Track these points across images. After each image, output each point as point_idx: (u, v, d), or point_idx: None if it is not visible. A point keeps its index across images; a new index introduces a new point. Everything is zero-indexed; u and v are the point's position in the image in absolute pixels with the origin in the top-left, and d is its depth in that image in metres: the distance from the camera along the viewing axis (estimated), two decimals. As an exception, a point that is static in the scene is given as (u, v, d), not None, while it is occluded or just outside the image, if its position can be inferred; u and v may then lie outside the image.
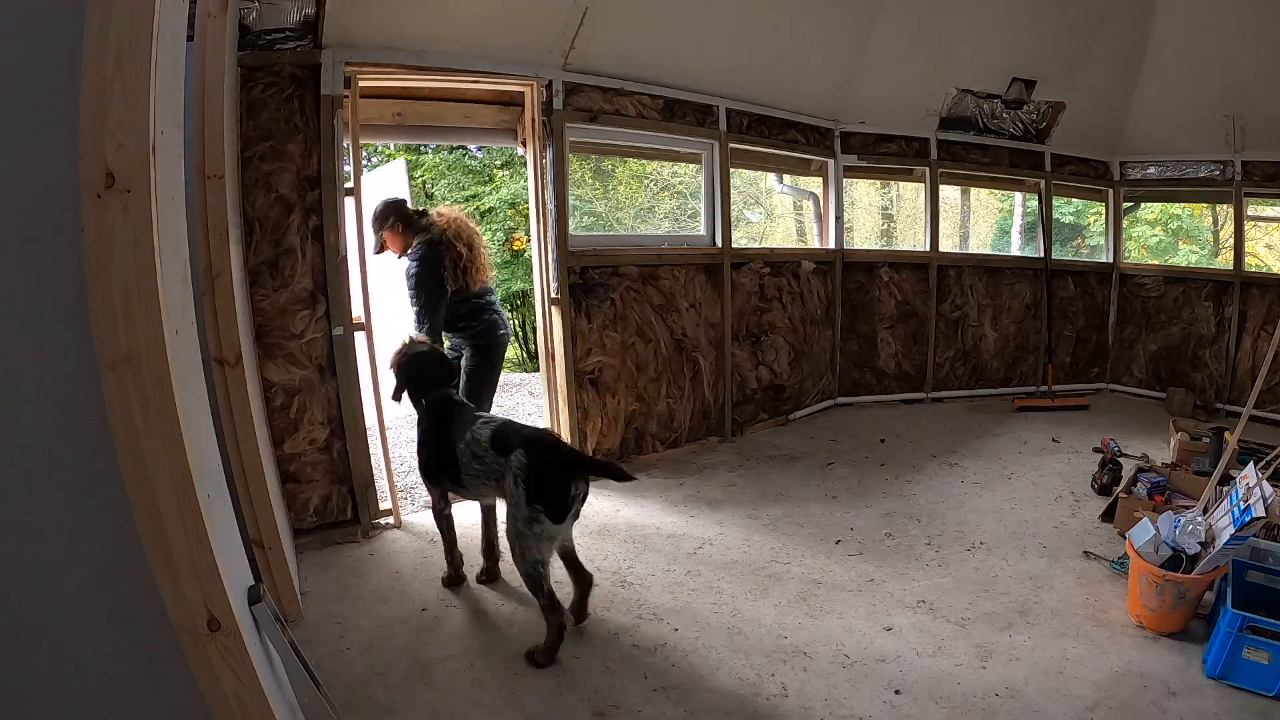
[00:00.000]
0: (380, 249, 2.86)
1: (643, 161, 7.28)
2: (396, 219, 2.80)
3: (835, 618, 2.22)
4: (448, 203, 8.05)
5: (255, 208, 2.47)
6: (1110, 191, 4.97)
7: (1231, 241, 4.74)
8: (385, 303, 3.00)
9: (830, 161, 4.33)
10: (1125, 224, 5.19)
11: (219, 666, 1.03)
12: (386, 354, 2.46)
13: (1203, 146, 4.48)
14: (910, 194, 7.79)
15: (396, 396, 2.33)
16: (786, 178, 4.60)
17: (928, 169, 4.54)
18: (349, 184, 2.65)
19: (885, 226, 8.87)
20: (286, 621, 2.13)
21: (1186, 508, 2.70)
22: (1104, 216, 5.23)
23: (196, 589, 1.00)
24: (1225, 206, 5.65)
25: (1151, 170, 4.83)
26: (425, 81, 3.10)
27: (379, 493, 2.87)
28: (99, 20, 0.91)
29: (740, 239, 6.99)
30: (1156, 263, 6.52)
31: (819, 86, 4.02)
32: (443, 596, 2.35)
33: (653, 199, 8.51)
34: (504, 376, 7.13)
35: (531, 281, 3.52)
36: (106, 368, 0.93)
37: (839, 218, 4.43)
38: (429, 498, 2.46)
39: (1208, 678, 1.88)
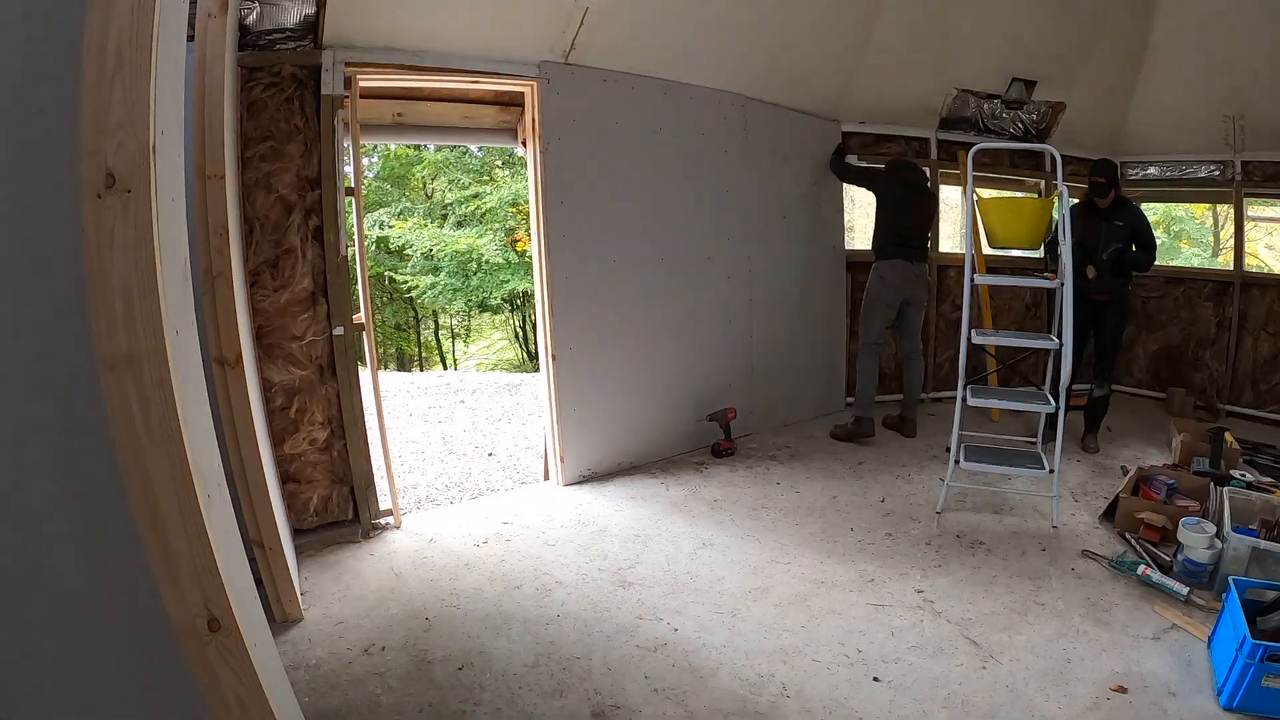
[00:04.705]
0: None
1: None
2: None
3: (835, 617, 2.22)
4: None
5: (255, 208, 2.47)
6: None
7: (1232, 242, 4.74)
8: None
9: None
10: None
11: (219, 666, 1.03)
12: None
13: (1203, 147, 4.47)
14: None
15: None
16: (787, 178, 4.61)
17: (928, 169, 4.53)
18: (349, 184, 2.65)
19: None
20: (287, 621, 2.14)
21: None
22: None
23: (196, 589, 1.00)
24: (1225, 207, 5.65)
25: (1152, 170, 4.82)
26: (425, 82, 3.10)
27: (379, 493, 2.88)
28: (99, 20, 0.91)
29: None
30: (1157, 263, 6.51)
31: (819, 87, 4.02)
32: (442, 596, 2.35)
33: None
34: (504, 376, 7.17)
35: (532, 281, 3.52)
36: (106, 368, 0.93)
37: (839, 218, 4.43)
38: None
39: (1224, 709, 1.80)
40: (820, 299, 4.30)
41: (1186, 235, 8.26)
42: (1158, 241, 3.77)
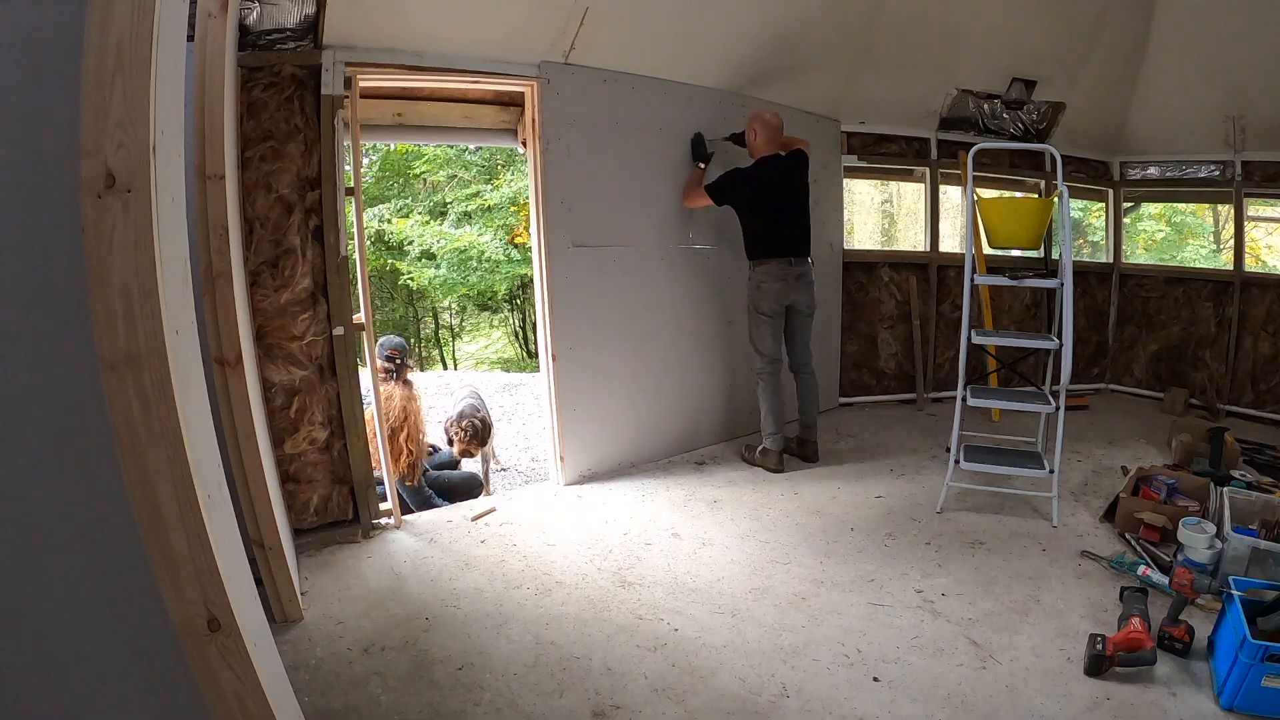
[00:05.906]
0: None
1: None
2: None
3: (835, 617, 2.22)
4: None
5: (255, 208, 2.47)
6: (1110, 191, 4.97)
7: (1232, 242, 4.74)
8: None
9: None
10: (1128, 221, 5.17)
11: (219, 666, 1.03)
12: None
13: (1203, 146, 4.47)
14: (910, 194, 7.78)
15: None
16: (787, 178, 4.61)
17: (928, 169, 4.54)
18: (349, 184, 2.65)
19: (885, 226, 8.88)
20: (287, 621, 2.14)
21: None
22: (1104, 217, 5.23)
23: (196, 589, 1.00)
24: (1226, 207, 5.64)
25: (1152, 170, 4.83)
26: (425, 82, 3.10)
27: (379, 493, 2.87)
28: (99, 20, 0.91)
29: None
30: (1157, 263, 6.52)
31: (819, 87, 4.02)
32: (442, 596, 2.35)
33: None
34: (504, 377, 7.16)
35: (532, 273, 3.52)
36: (106, 368, 0.93)
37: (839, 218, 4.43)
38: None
39: (1223, 709, 1.79)
40: (818, 297, 4.29)
41: (1189, 229, 8.24)
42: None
